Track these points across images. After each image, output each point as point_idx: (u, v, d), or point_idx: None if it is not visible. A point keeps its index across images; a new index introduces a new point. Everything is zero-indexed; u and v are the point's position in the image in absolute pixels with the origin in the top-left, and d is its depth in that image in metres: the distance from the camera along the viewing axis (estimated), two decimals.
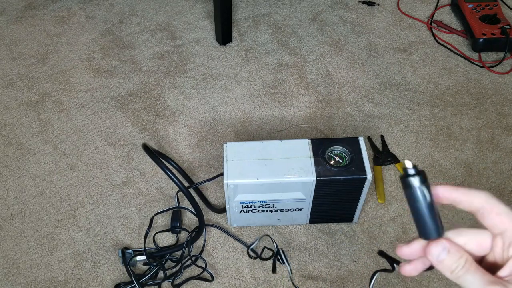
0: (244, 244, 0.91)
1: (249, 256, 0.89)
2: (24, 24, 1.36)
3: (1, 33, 1.33)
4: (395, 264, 0.48)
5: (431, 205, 0.36)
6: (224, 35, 1.27)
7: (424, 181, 0.36)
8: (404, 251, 0.39)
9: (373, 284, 0.76)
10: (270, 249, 0.90)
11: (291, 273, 0.86)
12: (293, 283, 0.86)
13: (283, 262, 0.85)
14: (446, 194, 0.38)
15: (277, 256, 0.87)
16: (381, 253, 0.54)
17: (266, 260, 0.89)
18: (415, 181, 0.36)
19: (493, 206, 0.36)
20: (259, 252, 0.90)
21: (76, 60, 1.26)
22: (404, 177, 0.36)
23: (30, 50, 1.28)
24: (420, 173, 0.36)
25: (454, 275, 0.36)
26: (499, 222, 0.36)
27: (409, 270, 0.39)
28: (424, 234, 0.37)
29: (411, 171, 0.36)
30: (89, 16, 1.38)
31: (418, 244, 0.38)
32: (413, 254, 0.39)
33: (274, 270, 0.87)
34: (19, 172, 1.03)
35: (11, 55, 1.27)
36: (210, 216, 0.95)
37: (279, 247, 0.88)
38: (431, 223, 0.36)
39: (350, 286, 0.86)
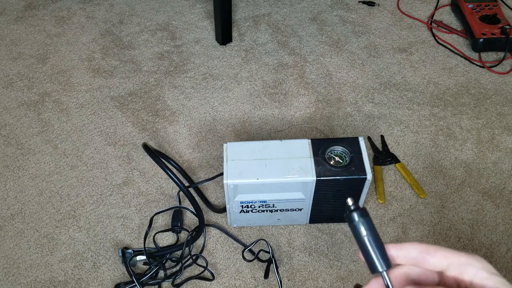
0: (243, 244, 0.91)
1: (244, 258, 0.89)
2: (24, 24, 1.36)
3: (1, 33, 1.33)
4: None
5: (373, 238, 0.37)
6: (224, 35, 1.27)
7: (364, 215, 0.37)
8: None
9: None
10: (267, 252, 0.90)
11: (281, 285, 0.85)
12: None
13: (276, 274, 0.85)
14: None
15: (270, 263, 0.87)
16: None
17: (264, 261, 0.89)
18: (355, 216, 0.37)
19: (428, 248, 0.37)
20: (256, 254, 0.90)
21: (76, 60, 1.26)
22: (347, 213, 0.38)
23: (30, 50, 1.28)
24: (358, 208, 0.38)
25: None
26: (441, 258, 0.37)
27: None
28: (371, 268, 0.38)
29: (352, 207, 0.38)
30: (89, 16, 1.38)
31: (376, 283, 0.39)
32: None
33: (266, 275, 0.87)
34: (19, 172, 1.03)
35: (11, 55, 1.27)
36: (210, 216, 0.95)
37: (273, 254, 0.88)
38: (375, 257, 0.37)
39: (350, 286, 0.86)
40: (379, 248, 0.37)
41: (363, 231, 0.37)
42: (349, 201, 0.38)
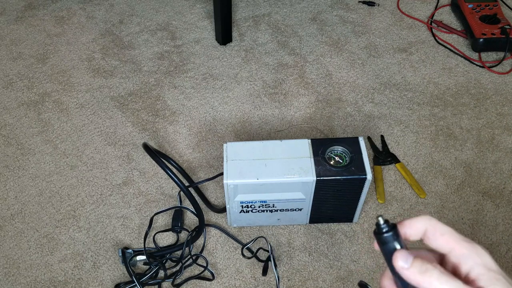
0: (242, 244, 0.91)
1: (243, 255, 0.89)
2: (24, 24, 1.36)
3: (1, 33, 1.33)
4: None
5: None
6: (224, 35, 1.27)
7: (397, 236, 0.38)
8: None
9: None
10: (266, 250, 0.90)
11: (279, 282, 0.85)
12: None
13: (273, 270, 0.85)
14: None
15: (269, 260, 0.87)
16: (361, 285, 0.56)
17: (263, 261, 0.89)
18: (389, 238, 0.37)
19: (435, 227, 0.37)
20: (254, 252, 0.90)
21: (76, 60, 1.26)
22: (378, 234, 0.38)
23: (30, 50, 1.28)
24: (393, 227, 0.38)
25: (422, 280, 0.36)
26: (444, 243, 0.37)
27: None
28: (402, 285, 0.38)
29: (385, 228, 0.38)
30: (89, 16, 1.38)
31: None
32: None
33: (264, 273, 0.87)
34: (19, 172, 1.03)
35: (11, 55, 1.27)
36: (210, 216, 0.95)
37: (273, 251, 0.88)
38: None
39: (350, 286, 0.86)
40: None
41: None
42: (381, 220, 0.38)
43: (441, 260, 0.38)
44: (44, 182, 1.01)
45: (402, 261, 0.37)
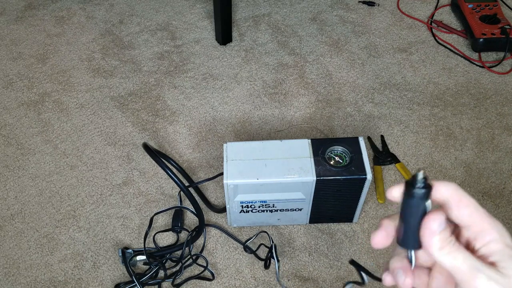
0: (241, 243, 0.91)
1: (245, 249, 0.89)
2: (24, 24, 1.36)
3: (1, 33, 1.33)
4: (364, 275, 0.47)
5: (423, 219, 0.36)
6: (224, 35, 1.27)
7: (427, 198, 0.35)
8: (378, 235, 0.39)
9: None
10: (267, 247, 0.90)
11: (278, 270, 0.85)
12: (278, 280, 0.85)
13: (274, 258, 0.85)
14: None
15: (271, 251, 0.86)
16: (353, 263, 0.52)
17: (263, 260, 0.89)
18: (421, 195, 0.35)
19: (461, 197, 0.35)
20: (256, 249, 0.90)
21: (76, 60, 1.26)
22: (411, 186, 0.35)
23: (30, 50, 1.28)
24: (428, 187, 0.35)
25: (444, 251, 0.34)
26: (467, 215, 0.35)
27: (378, 240, 0.39)
28: (405, 243, 0.37)
29: (422, 184, 0.35)
30: (89, 16, 1.38)
31: (399, 259, 0.38)
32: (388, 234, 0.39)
33: (266, 265, 0.87)
34: (19, 172, 1.03)
35: (11, 55, 1.27)
36: (210, 216, 0.95)
37: (274, 242, 0.88)
38: (417, 235, 0.36)
39: (350, 286, 0.86)
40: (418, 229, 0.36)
41: (425, 212, 0.35)
42: (421, 175, 0.35)
43: (453, 232, 0.37)
44: (44, 182, 1.01)
45: (436, 224, 0.35)
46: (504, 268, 0.34)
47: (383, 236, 0.38)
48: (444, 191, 0.36)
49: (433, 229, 0.35)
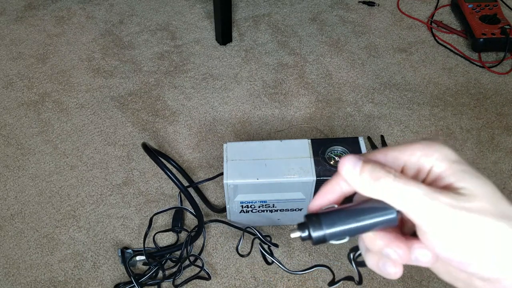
0: (239, 242, 0.91)
1: (240, 255, 0.89)
2: (24, 24, 1.36)
3: (1, 33, 1.33)
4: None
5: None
6: (224, 35, 1.27)
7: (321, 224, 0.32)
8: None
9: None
10: (264, 242, 0.90)
11: (264, 250, 0.85)
12: (270, 260, 0.85)
13: (265, 244, 0.85)
14: None
15: (260, 244, 0.86)
16: (351, 250, 0.50)
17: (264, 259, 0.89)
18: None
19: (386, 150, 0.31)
20: (249, 250, 0.90)
21: (76, 60, 1.26)
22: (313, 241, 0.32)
23: (30, 50, 1.28)
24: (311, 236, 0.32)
25: (377, 184, 0.28)
26: (393, 160, 0.31)
27: (316, 204, 0.33)
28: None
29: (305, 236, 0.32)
30: (89, 16, 1.38)
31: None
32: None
33: (266, 260, 0.86)
34: (19, 172, 1.03)
35: (11, 55, 1.27)
36: (210, 216, 0.95)
37: (261, 233, 0.87)
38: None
39: (350, 286, 0.86)
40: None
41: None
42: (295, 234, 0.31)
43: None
44: (44, 182, 1.01)
45: (350, 165, 0.29)
46: (463, 189, 0.28)
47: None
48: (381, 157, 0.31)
49: (348, 172, 0.29)
